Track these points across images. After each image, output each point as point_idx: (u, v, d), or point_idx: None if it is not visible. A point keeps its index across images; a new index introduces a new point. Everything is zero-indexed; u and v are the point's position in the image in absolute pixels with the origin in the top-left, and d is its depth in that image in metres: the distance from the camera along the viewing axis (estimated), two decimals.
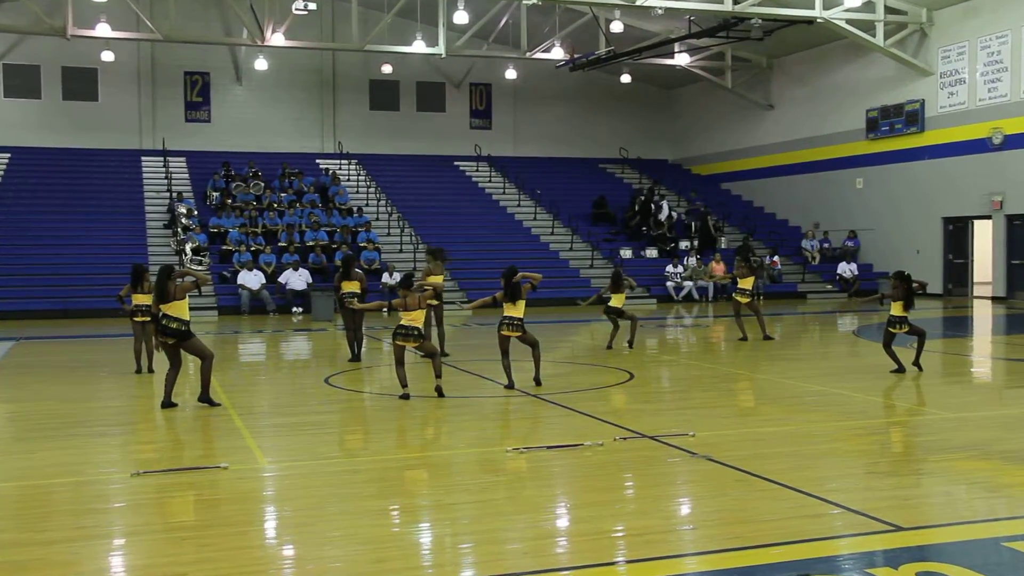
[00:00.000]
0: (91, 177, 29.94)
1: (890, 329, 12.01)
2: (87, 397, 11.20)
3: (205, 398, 9.98)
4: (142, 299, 12.54)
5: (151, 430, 9.25)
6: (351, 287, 13.78)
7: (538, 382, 11.08)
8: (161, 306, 9.87)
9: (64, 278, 23.93)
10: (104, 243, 25.84)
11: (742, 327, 16.35)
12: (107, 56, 30.43)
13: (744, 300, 16.40)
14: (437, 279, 13.79)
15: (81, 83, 32.14)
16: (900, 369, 11.86)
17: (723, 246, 29.90)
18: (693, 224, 30.71)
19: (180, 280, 10.08)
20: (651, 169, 36.18)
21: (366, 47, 29.93)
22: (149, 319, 12.28)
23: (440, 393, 10.27)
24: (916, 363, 12.02)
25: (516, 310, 11.01)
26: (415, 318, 10.38)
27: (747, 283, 16.43)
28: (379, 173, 32.71)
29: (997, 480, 6.95)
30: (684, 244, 29.40)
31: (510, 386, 10.85)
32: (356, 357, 13.62)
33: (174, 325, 9.83)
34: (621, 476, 7.18)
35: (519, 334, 10.97)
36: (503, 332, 10.99)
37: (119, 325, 20.44)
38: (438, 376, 10.40)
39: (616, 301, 15.37)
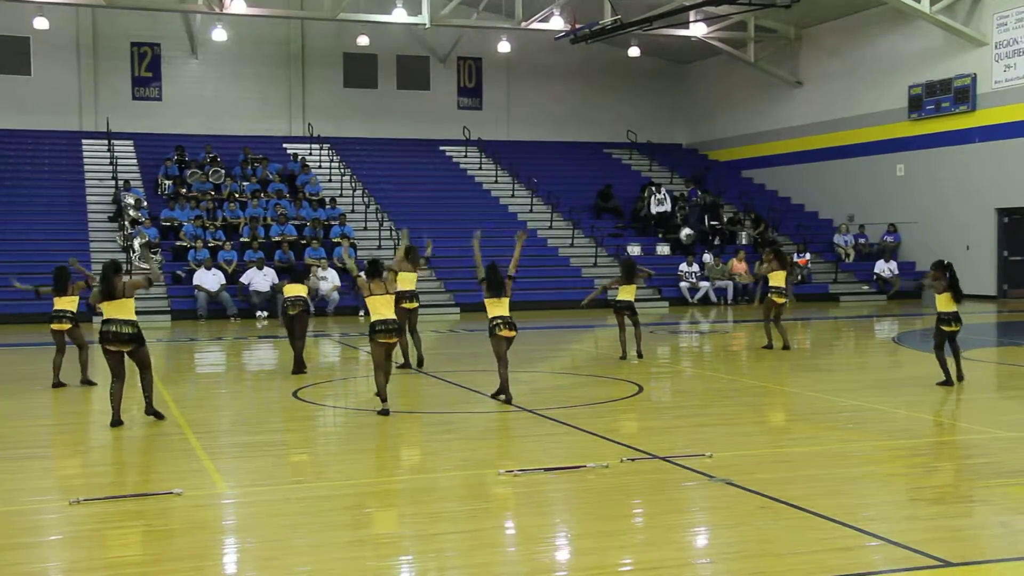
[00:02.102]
0: (23, 163, 29.85)
1: (943, 328, 11.86)
2: (16, 414, 11.15)
3: (152, 410, 9.98)
4: (65, 304, 12.54)
5: (92, 451, 9.22)
6: (296, 291, 13.88)
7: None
8: (105, 305, 9.82)
9: None
10: (39, 238, 25.76)
11: (770, 332, 16.29)
12: (40, 23, 30.29)
13: (781, 300, 16.16)
14: (409, 276, 14.00)
15: (10, 54, 32.01)
16: (948, 382, 11.84)
17: (744, 242, 29.94)
18: (706, 218, 30.75)
19: (129, 276, 10.04)
20: (662, 154, 36.23)
21: (339, 16, 29.91)
22: (69, 326, 12.37)
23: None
24: (958, 373, 12.00)
25: (503, 307, 11.08)
26: (387, 307, 10.43)
27: (779, 279, 16.21)
28: (354, 159, 32.70)
29: None
30: (679, 233, 29.38)
31: (508, 400, 10.85)
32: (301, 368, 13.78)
33: (128, 330, 9.81)
34: (629, 502, 7.18)
35: (514, 333, 11.05)
36: (500, 334, 11.00)
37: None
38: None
39: (626, 293, 15.33)
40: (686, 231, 29.51)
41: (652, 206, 30.78)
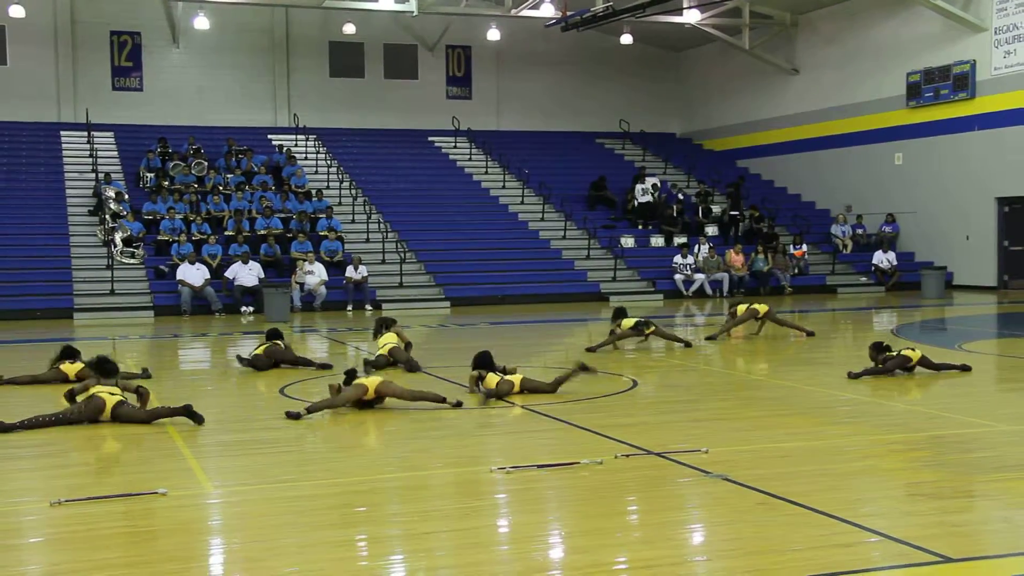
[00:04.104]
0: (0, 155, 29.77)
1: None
2: None
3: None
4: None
5: (74, 451, 9.20)
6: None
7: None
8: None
9: None
10: (17, 233, 25.72)
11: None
12: (16, 11, 30.18)
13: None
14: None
15: None
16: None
17: (738, 233, 30.00)
18: (701, 210, 30.81)
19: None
20: (656, 144, 36.26)
21: (325, 3, 29.85)
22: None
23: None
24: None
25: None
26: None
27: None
28: (341, 150, 32.65)
29: None
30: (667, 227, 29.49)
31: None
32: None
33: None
34: (624, 499, 7.19)
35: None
36: None
37: (31, 329, 20.35)
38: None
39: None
40: (710, 229, 29.83)
41: (637, 196, 30.87)
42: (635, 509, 7.02)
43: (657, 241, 29.39)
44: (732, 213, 30.52)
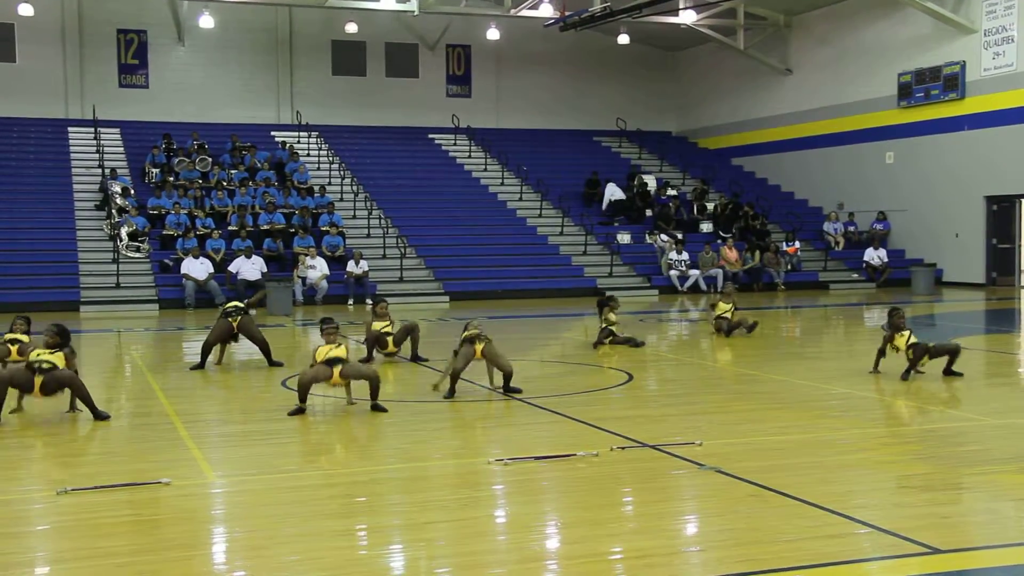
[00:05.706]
0: (8, 151, 29.72)
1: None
2: None
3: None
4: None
5: (79, 441, 9.20)
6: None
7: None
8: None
9: None
10: (25, 227, 25.69)
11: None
12: (25, 10, 30.13)
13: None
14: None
15: None
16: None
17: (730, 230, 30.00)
18: (696, 207, 30.80)
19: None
20: (652, 142, 36.25)
21: (327, 2, 29.81)
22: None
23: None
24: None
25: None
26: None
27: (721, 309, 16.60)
28: (343, 147, 32.62)
29: None
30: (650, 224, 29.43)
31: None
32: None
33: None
34: (619, 490, 7.20)
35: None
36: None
37: (38, 321, 20.29)
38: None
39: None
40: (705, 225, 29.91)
41: (609, 195, 30.82)
42: (630, 500, 7.03)
43: (652, 237, 29.36)
44: (708, 222, 30.38)
